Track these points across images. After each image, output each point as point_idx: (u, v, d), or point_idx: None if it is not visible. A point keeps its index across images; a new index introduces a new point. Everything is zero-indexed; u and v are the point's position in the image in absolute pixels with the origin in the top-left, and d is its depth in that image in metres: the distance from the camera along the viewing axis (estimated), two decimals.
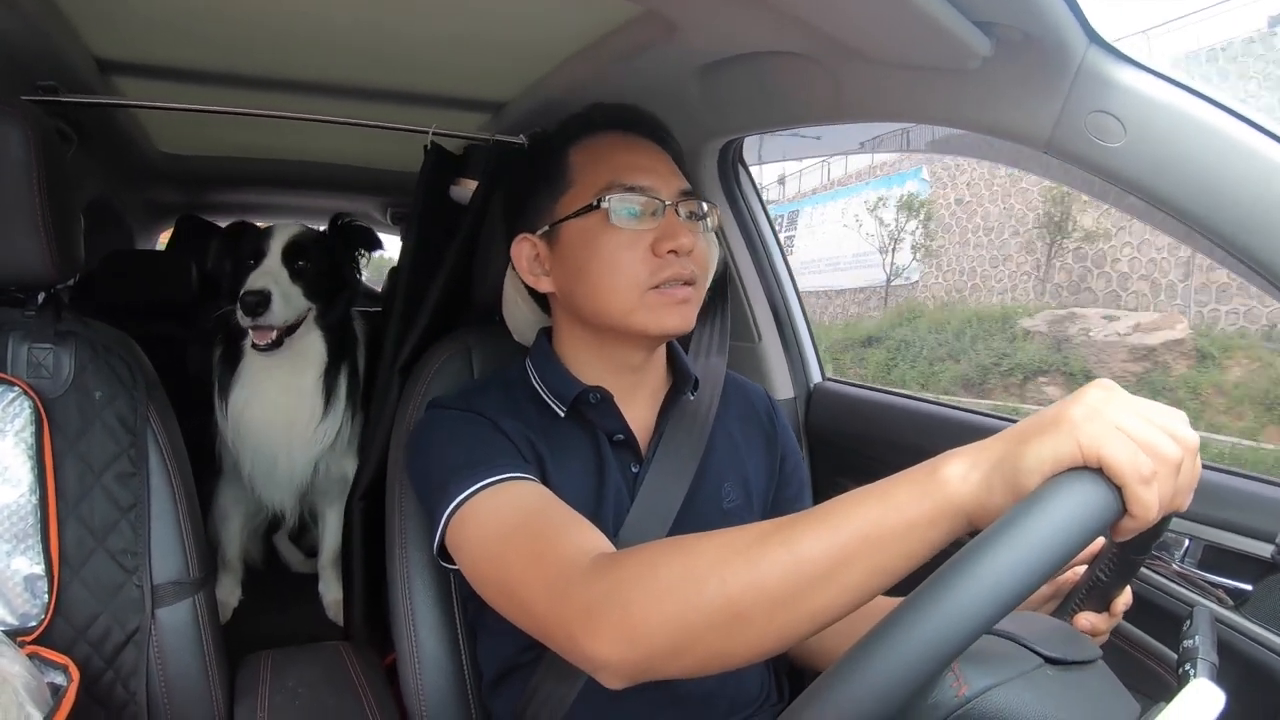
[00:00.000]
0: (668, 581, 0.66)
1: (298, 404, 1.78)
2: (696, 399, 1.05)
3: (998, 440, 0.57)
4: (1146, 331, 11.54)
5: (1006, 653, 0.54)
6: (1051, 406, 0.56)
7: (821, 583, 0.60)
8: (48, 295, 1.12)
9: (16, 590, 1.01)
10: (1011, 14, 0.80)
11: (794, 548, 0.61)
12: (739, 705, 1.00)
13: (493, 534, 0.82)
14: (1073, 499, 0.50)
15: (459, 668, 1.08)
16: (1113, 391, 0.56)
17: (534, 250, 1.01)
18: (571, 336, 1.02)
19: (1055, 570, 0.48)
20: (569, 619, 0.71)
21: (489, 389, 1.03)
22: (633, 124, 1.02)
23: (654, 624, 0.65)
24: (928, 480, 0.58)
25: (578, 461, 0.97)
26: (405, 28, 1.25)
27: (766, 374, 1.59)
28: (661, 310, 0.93)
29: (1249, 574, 0.89)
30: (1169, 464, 0.53)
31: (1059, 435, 0.53)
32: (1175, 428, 0.55)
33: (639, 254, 0.93)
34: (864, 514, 0.60)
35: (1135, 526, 0.52)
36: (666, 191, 0.95)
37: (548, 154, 1.02)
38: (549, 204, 0.99)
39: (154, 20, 1.25)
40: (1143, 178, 0.82)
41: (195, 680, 1.12)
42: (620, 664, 0.67)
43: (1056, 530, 0.48)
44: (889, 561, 0.58)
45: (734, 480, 1.05)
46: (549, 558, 0.75)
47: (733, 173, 1.56)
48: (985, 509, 0.55)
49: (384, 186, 2.67)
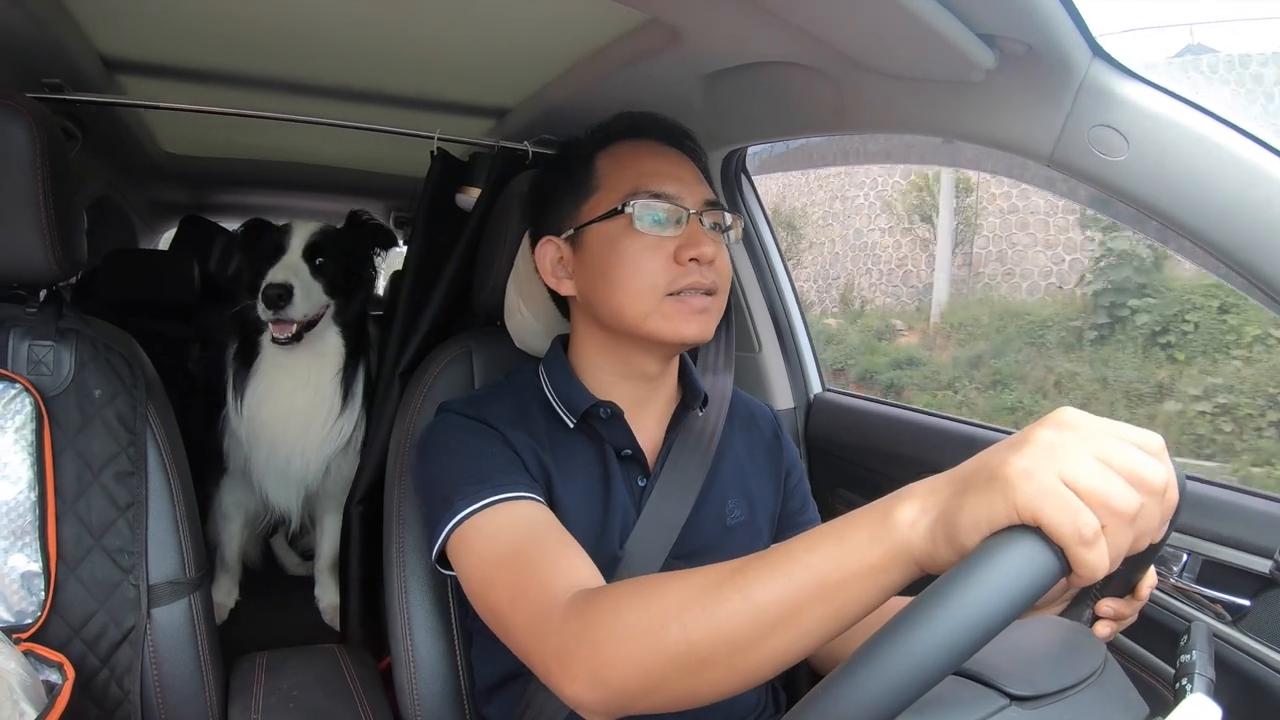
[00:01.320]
0: (631, 625, 0.66)
1: (315, 400, 1.77)
2: (704, 415, 1.05)
3: (945, 482, 0.54)
4: None
5: (965, 697, 0.52)
6: (999, 447, 0.52)
7: (779, 628, 0.59)
8: (49, 293, 1.12)
9: (13, 587, 1.01)
10: (1015, 27, 0.80)
11: (749, 594, 0.60)
12: (735, 717, 1.00)
13: (488, 558, 0.83)
14: (1009, 563, 0.46)
15: (454, 672, 1.08)
16: (1066, 431, 0.50)
17: (558, 253, 1.01)
18: (589, 343, 1.02)
19: (996, 633, 0.45)
20: (547, 658, 0.72)
21: (500, 396, 1.03)
22: (660, 132, 1.03)
23: (620, 667, 0.66)
24: (881, 525, 0.55)
25: (584, 474, 0.97)
26: (411, 32, 1.26)
27: (767, 384, 1.59)
28: (678, 318, 0.93)
29: (1247, 589, 0.89)
30: (1120, 516, 0.47)
31: (992, 494, 0.49)
32: (1137, 468, 0.49)
33: (661, 260, 0.93)
34: (818, 559, 0.58)
35: (1085, 582, 0.48)
36: (691, 200, 0.96)
37: (574, 159, 1.02)
38: (574, 208, 0.99)
39: (161, 20, 1.26)
40: (1145, 192, 0.82)
41: (190, 680, 1.11)
42: (593, 703, 0.68)
43: (993, 597, 0.45)
44: (845, 606, 0.57)
45: (738, 497, 1.05)
46: (532, 594, 0.76)
47: (736, 182, 1.57)
48: (933, 559, 0.53)
49: (387, 190, 2.68)
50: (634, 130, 1.02)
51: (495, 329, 1.22)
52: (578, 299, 1.01)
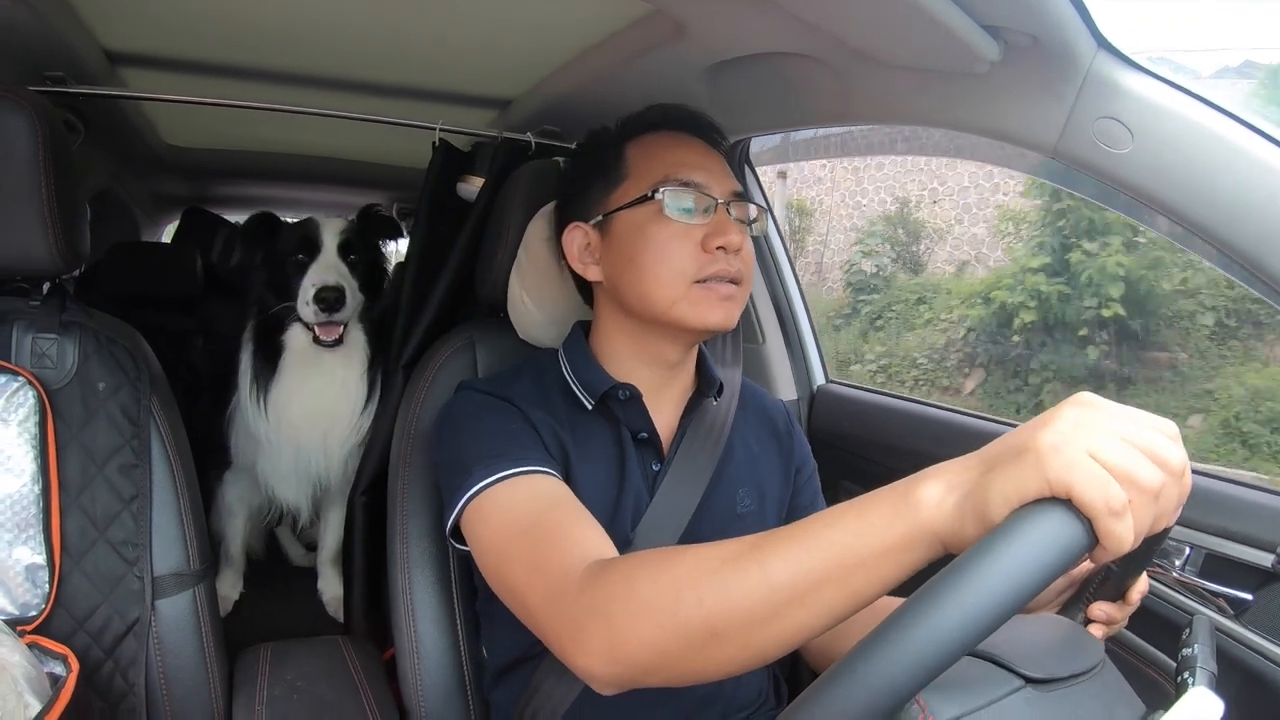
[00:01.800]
0: (646, 598, 0.66)
1: (343, 396, 1.76)
2: (718, 405, 1.06)
3: (973, 462, 0.55)
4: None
5: (981, 677, 0.52)
6: (1025, 427, 0.53)
7: (794, 605, 0.59)
8: (53, 285, 1.12)
9: (17, 580, 1.02)
10: (1020, 19, 0.80)
11: (767, 569, 0.60)
12: (736, 707, 1.01)
13: (504, 530, 0.83)
14: (1038, 534, 0.48)
15: (458, 663, 1.08)
16: (1090, 410, 0.52)
17: (585, 239, 1.02)
18: (612, 328, 1.03)
19: (1023, 605, 0.46)
20: (561, 631, 0.72)
21: (522, 376, 1.04)
22: (689, 124, 1.04)
23: (634, 640, 0.66)
24: (902, 503, 0.56)
25: (601, 456, 0.98)
26: (413, 23, 1.26)
27: (770, 376, 1.59)
28: (704, 305, 0.95)
29: (1249, 583, 0.89)
30: (1146, 492, 0.49)
31: (1024, 467, 0.50)
32: (1158, 449, 0.51)
33: (689, 247, 0.94)
34: (838, 537, 0.58)
35: (1110, 556, 0.50)
36: (719, 190, 0.97)
37: (604, 147, 1.04)
38: (603, 195, 1.00)
39: (162, 12, 1.26)
40: (1149, 184, 0.82)
41: (194, 672, 1.12)
42: (606, 675, 0.68)
43: (1021, 568, 0.46)
44: (863, 585, 0.57)
45: (749, 487, 1.06)
46: (549, 566, 0.76)
47: (739, 173, 1.56)
48: (959, 537, 0.53)
49: (390, 182, 2.68)
50: (664, 121, 1.03)
51: (498, 320, 1.22)
52: (604, 284, 1.02)
